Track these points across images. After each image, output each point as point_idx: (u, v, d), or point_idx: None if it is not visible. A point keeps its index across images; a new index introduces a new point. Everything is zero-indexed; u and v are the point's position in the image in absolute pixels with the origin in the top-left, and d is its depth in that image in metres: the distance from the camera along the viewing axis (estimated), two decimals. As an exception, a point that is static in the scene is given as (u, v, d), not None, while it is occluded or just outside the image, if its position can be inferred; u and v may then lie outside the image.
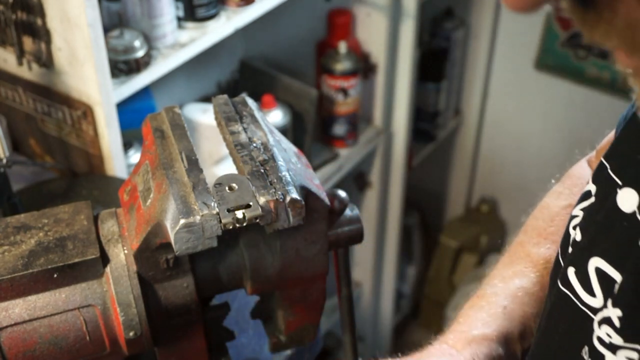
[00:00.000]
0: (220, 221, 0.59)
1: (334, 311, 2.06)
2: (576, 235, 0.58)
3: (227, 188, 0.61)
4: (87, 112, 1.27)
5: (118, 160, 1.33)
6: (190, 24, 1.42)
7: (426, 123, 2.41)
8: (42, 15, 1.21)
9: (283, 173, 0.63)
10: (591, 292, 0.54)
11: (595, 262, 0.54)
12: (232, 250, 0.66)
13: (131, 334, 0.63)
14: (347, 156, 2.00)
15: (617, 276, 0.52)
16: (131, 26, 1.35)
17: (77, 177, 1.35)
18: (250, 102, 0.72)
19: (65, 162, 1.40)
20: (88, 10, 1.15)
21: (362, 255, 2.36)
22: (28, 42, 1.27)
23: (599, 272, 0.54)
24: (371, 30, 1.92)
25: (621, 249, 0.52)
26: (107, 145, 1.30)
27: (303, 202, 0.62)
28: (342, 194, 0.70)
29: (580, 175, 0.83)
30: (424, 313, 2.76)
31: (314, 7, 1.94)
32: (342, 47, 1.86)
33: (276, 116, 1.76)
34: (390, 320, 2.51)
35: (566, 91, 2.28)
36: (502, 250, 0.83)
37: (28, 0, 1.21)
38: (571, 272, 0.57)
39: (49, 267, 0.61)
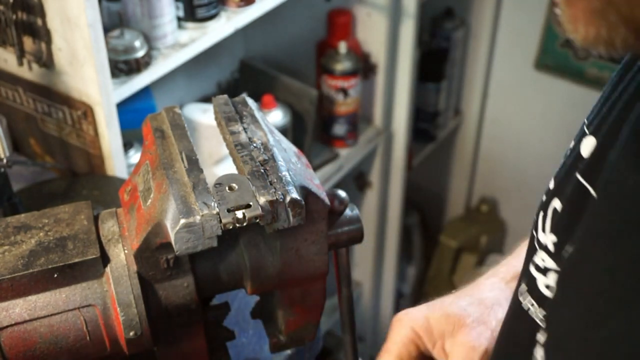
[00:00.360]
0: (221, 221, 0.59)
1: (334, 311, 2.06)
2: (550, 184, 0.61)
3: (227, 188, 0.61)
4: (87, 112, 1.27)
5: (118, 160, 1.33)
6: (190, 24, 1.42)
7: (426, 123, 2.41)
8: (43, 15, 1.21)
9: (283, 173, 0.63)
10: (544, 230, 0.59)
11: (555, 203, 0.58)
12: (232, 250, 0.66)
13: (131, 333, 0.63)
14: (347, 156, 2.00)
15: (559, 206, 0.56)
16: (131, 26, 1.35)
17: (77, 177, 1.36)
18: (251, 102, 0.72)
19: (65, 162, 1.40)
20: (88, 11, 1.15)
21: (362, 255, 2.36)
22: (28, 42, 1.27)
23: (554, 211, 0.58)
24: (371, 30, 1.92)
25: (565, 180, 0.57)
26: (107, 145, 1.30)
27: (303, 202, 0.62)
28: (342, 194, 0.70)
29: None
30: (424, 313, 2.75)
31: (314, 7, 1.94)
32: (342, 47, 1.86)
33: (276, 116, 1.76)
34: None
35: (566, 91, 2.28)
36: (503, 251, 0.84)
37: (28, 1, 1.21)
38: (540, 216, 0.60)
39: (49, 267, 0.61)
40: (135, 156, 1.46)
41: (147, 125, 0.70)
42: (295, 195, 0.61)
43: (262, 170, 0.63)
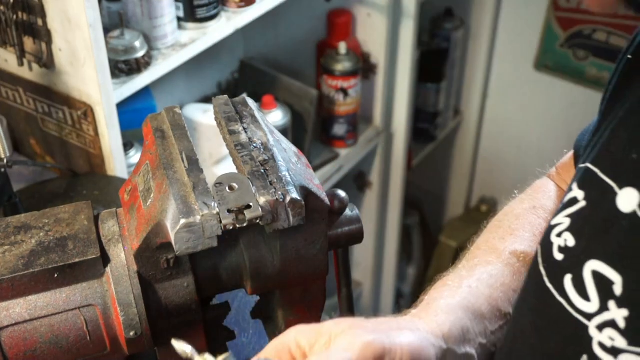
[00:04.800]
0: (221, 221, 0.59)
1: (334, 311, 2.06)
2: (567, 241, 0.57)
3: (227, 188, 0.61)
4: (87, 112, 1.27)
5: (118, 160, 1.33)
6: (190, 25, 1.42)
7: (426, 123, 2.41)
8: (43, 15, 1.21)
9: (283, 173, 0.63)
10: (586, 297, 0.53)
11: (592, 266, 0.53)
12: (232, 250, 0.66)
13: (132, 333, 0.63)
14: (347, 156, 2.00)
15: (616, 277, 0.51)
16: (132, 26, 1.35)
17: (78, 177, 1.36)
18: (251, 102, 0.72)
19: (65, 162, 1.41)
20: (89, 11, 1.15)
21: (362, 255, 2.36)
22: (29, 43, 1.27)
23: (597, 276, 0.53)
24: (371, 31, 1.92)
25: (622, 249, 0.51)
26: (107, 145, 1.30)
27: (303, 202, 0.62)
28: (342, 194, 0.70)
29: (542, 185, 0.83)
30: (424, 313, 2.75)
31: (314, 8, 1.94)
32: (342, 47, 1.86)
33: (276, 116, 1.76)
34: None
35: (566, 91, 2.28)
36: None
37: (29, 1, 1.21)
38: (568, 279, 0.56)
39: (50, 267, 0.61)
40: (135, 156, 1.46)
41: (147, 125, 0.70)
42: (295, 195, 0.61)
43: (262, 171, 0.64)
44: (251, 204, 0.60)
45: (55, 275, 0.62)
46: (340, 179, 1.99)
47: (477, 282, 0.68)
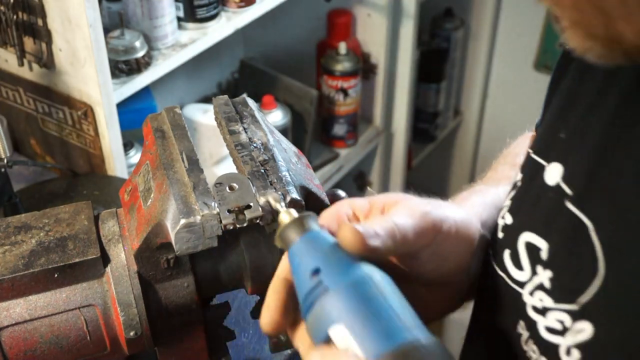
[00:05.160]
0: (221, 221, 0.59)
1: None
2: (506, 219, 0.60)
3: (227, 188, 0.61)
4: (87, 112, 1.27)
5: (118, 160, 1.33)
6: (190, 25, 1.42)
7: (426, 123, 2.41)
8: (43, 15, 1.21)
9: (283, 173, 0.63)
10: (520, 267, 0.56)
11: (525, 237, 0.56)
12: (232, 250, 0.66)
13: (132, 333, 0.63)
14: (347, 156, 2.00)
15: (542, 244, 0.54)
16: (132, 27, 1.35)
17: (78, 177, 1.36)
18: (251, 102, 0.72)
19: (65, 162, 1.41)
20: (89, 11, 1.15)
21: (362, 255, 2.36)
22: (29, 43, 1.27)
23: (529, 246, 0.56)
24: (371, 31, 1.92)
25: (546, 217, 0.55)
26: (107, 145, 1.30)
27: (303, 202, 0.62)
28: (342, 194, 0.70)
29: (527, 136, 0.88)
30: (424, 313, 2.75)
31: (314, 8, 1.94)
32: (342, 47, 1.86)
33: (276, 116, 1.76)
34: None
35: (566, 91, 2.28)
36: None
37: (29, 1, 1.21)
38: (506, 254, 0.58)
39: (50, 267, 0.62)
40: (135, 156, 1.46)
41: (147, 125, 0.70)
42: (295, 195, 0.61)
43: (262, 171, 0.64)
44: (251, 204, 0.60)
45: (56, 275, 0.62)
46: (340, 179, 1.99)
47: (503, 192, 0.69)
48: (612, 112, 0.52)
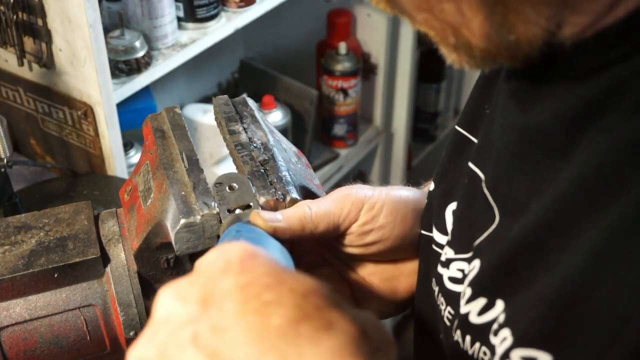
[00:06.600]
0: (221, 221, 0.59)
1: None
2: (431, 186, 0.65)
3: (227, 188, 0.61)
4: (87, 112, 1.27)
5: (118, 160, 1.33)
6: (190, 25, 1.42)
7: (426, 123, 2.41)
8: (43, 15, 1.21)
9: (283, 173, 0.63)
10: (445, 232, 0.61)
11: (452, 207, 0.61)
12: (232, 250, 0.66)
13: (132, 333, 0.63)
14: (347, 156, 2.00)
15: (454, 205, 0.60)
16: (132, 27, 1.35)
17: (78, 177, 1.36)
18: (251, 102, 0.72)
19: (65, 162, 1.41)
20: (89, 11, 1.15)
21: (362, 255, 2.36)
22: (29, 43, 1.27)
23: (453, 213, 0.60)
24: (371, 31, 1.92)
25: (460, 182, 0.59)
26: (107, 145, 1.30)
27: (303, 202, 0.62)
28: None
29: None
30: (424, 313, 2.75)
31: (314, 8, 1.94)
32: (342, 47, 1.86)
33: (276, 116, 1.76)
34: (390, 320, 2.51)
35: (566, 91, 2.28)
36: None
37: (29, 1, 1.21)
38: (434, 221, 0.63)
39: (50, 266, 0.62)
40: (135, 156, 1.46)
41: (147, 125, 0.70)
42: (295, 195, 0.61)
43: (262, 170, 0.64)
44: (251, 203, 0.60)
45: (55, 275, 0.62)
46: (340, 179, 1.99)
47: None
48: (496, 87, 0.57)
